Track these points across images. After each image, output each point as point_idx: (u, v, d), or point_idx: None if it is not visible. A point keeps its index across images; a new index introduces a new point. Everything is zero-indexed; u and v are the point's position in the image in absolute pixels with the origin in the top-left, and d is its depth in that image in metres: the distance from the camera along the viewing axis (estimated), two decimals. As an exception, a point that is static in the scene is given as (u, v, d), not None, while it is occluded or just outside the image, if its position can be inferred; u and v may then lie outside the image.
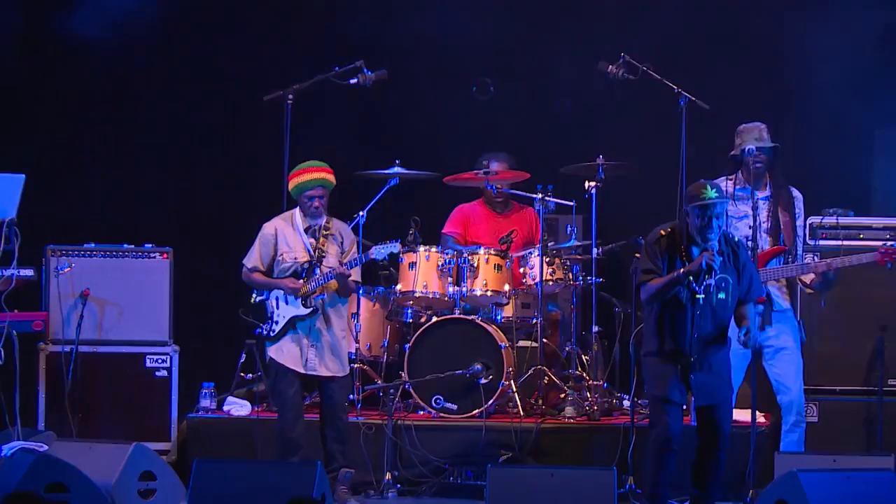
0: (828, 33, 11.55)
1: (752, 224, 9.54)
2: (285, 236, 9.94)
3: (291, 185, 9.96)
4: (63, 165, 11.58)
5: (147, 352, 10.91)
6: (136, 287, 11.03)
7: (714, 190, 8.63)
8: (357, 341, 10.61)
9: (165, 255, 11.04)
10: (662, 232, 8.78)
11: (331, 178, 9.93)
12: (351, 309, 10.45)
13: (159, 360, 10.88)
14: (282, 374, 9.86)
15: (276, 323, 9.89)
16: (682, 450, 8.89)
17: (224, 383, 11.08)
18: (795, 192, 10.02)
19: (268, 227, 9.97)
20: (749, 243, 9.44)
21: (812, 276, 9.91)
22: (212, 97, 11.95)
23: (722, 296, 8.64)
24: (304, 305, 9.81)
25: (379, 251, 10.04)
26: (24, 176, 9.63)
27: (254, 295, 10.08)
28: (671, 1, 11.79)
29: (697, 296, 8.55)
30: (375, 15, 11.90)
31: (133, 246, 11.10)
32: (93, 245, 11.06)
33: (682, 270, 8.52)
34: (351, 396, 10.36)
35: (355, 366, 10.50)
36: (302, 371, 9.81)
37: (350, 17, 11.96)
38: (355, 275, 10.03)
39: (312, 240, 9.91)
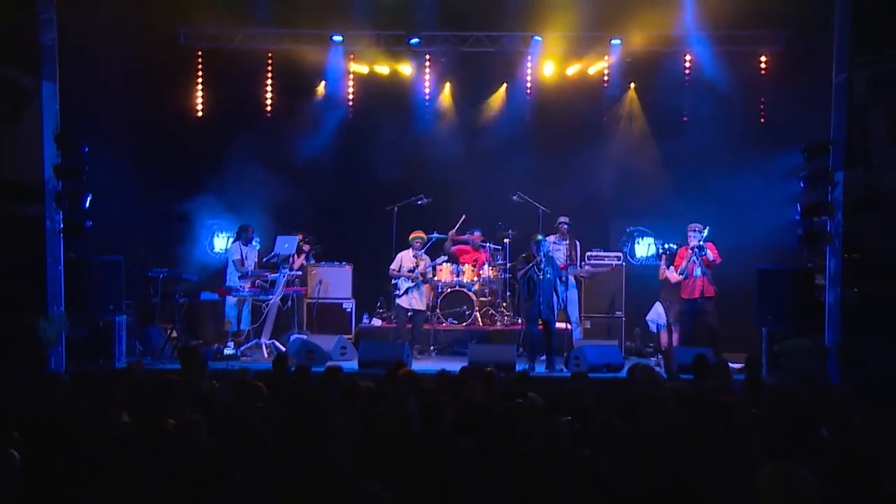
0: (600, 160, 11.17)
1: (563, 254, 9.85)
2: (405, 258, 10.17)
3: (410, 237, 10.22)
4: (314, 226, 11.27)
5: (343, 302, 10.95)
6: (338, 278, 11.04)
7: (541, 237, 9.05)
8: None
9: (350, 266, 11.14)
10: (523, 255, 9.13)
11: (423, 235, 10.24)
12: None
13: (348, 305, 10.96)
14: (401, 310, 10.08)
15: (400, 290, 10.08)
16: (539, 341, 9.10)
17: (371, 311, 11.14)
18: (577, 242, 10.28)
19: (398, 255, 10.22)
20: (559, 261, 9.69)
21: (584, 274, 10.24)
22: (375, 203, 11.30)
23: (549, 276, 8.93)
24: (412, 281, 9.99)
25: (438, 259, 10.37)
26: (299, 236, 10.11)
27: (393, 280, 10.24)
28: (543, 166, 11.28)
29: (540, 277, 8.88)
30: (426, 171, 11.35)
31: (337, 261, 11.15)
32: (324, 262, 11.14)
33: (528, 267, 8.82)
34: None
35: (422, 307, 10.54)
36: (408, 307, 10.02)
37: (411, 172, 11.33)
38: (428, 274, 10.23)
39: (415, 259, 10.14)
